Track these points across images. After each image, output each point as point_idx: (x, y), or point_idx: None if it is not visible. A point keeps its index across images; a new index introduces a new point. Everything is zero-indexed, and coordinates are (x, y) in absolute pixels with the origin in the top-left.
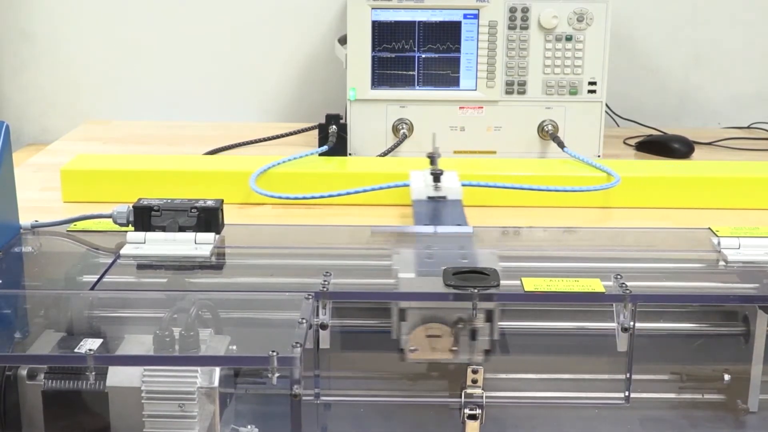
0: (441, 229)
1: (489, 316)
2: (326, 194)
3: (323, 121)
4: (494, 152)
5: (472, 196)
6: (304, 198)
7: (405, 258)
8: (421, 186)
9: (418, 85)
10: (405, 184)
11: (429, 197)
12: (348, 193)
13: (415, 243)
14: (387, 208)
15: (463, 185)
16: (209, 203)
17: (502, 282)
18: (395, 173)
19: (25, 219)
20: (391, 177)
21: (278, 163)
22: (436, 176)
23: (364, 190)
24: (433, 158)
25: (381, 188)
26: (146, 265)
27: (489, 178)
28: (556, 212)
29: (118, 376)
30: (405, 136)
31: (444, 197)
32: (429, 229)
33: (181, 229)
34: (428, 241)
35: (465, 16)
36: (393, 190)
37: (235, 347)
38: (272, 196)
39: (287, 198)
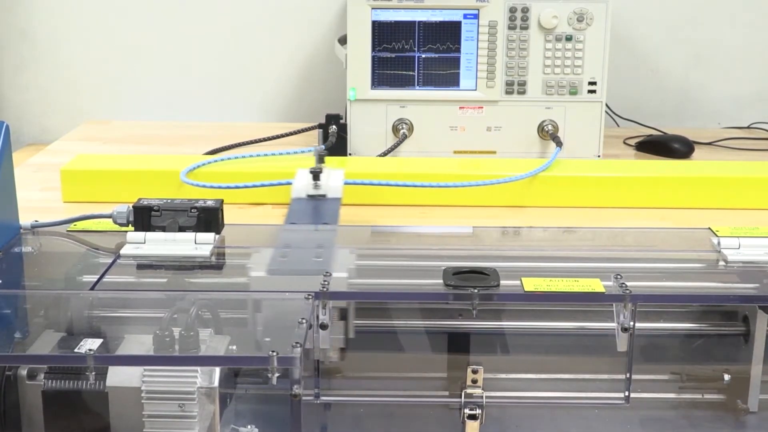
0: (435, 229)
1: None
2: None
3: (323, 121)
4: (494, 152)
5: (472, 196)
6: (228, 187)
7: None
8: (303, 184)
9: (418, 85)
10: (288, 182)
11: (309, 195)
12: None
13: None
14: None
15: (346, 183)
16: (209, 203)
17: (502, 282)
18: (395, 173)
19: (25, 219)
20: (389, 177)
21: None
22: (316, 174)
23: (254, 186)
24: (321, 156)
25: (263, 185)
26: (146, 265)
27: (374, 176)
28: (556, 212)
29: (118, 376)
30: (405, 136)
31: (323, 195)
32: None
33: (181, 229)
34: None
35: (465, 16)
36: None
37: (235, 347)
38: (204, 186)
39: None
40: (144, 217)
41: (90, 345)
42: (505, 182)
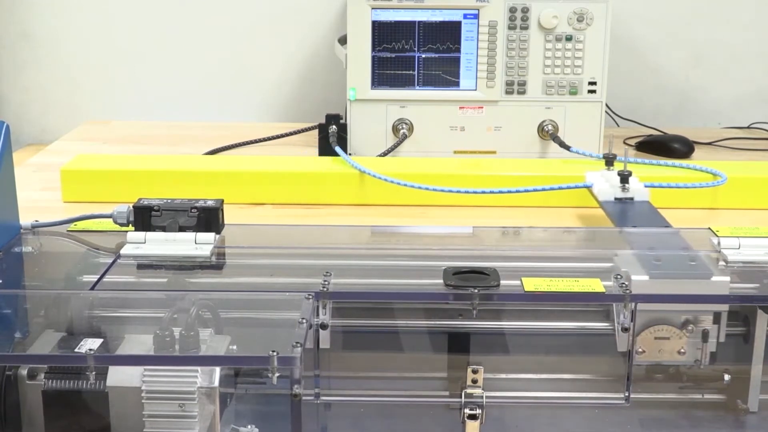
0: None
1: (717, 318)
2: (514, 189)
3: (323, 121)
4: (494, 152)
5: (472, 197)
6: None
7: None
8: (606, 187)
9: (418, 85)
10: (586, 186)
11: (616, 198)
12: (527, 191)
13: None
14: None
15: (647, 186)
16: (209, 203)
17: (502, 282)
18: (397, 173)
19: (25, 219)
20: (390, 176)
21: None
22: (624, 177)
23: (543, 189)
24: (610, 159)
25: (561, 188)
26: (146, 265)
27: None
28: (555, 212)
29: (119, 376)
30: (405, 136)
31: (632, 198)
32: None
33: (181, 229)
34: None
35: (465, 16)
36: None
37: (235, 347)
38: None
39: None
40: (144, 217)
41: (90, 345)
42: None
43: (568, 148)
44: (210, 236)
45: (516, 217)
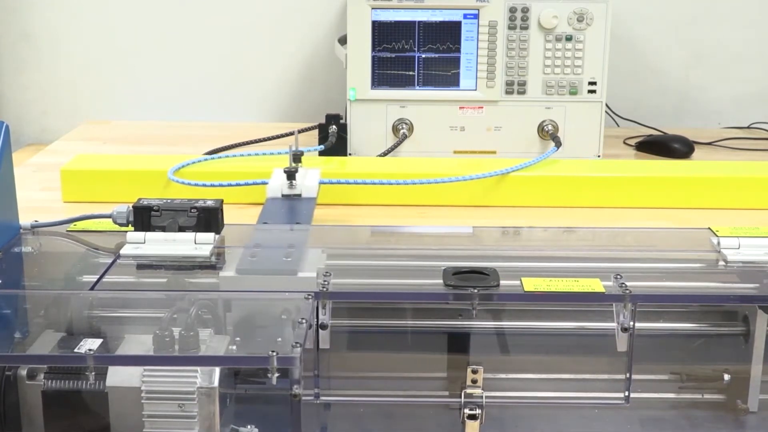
0: (433, 229)
1: None
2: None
3: (323, 121)
4: (494, 152)
5: (472, 197)
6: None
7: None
8: (278, 183)
9: (418, 85)
10: (264, 182)
11: (284, 195)
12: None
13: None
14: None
15: (321, 183)
16: (209, 203)
17: (502, 282)
18: (393, 173)
19: (25, 219)
20: (387, 177)
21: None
22: (291, 174)
23: (236, 184)
24: (297, 156)
25: (240, 184)
26: (146, 265)
27: (348, 176)
28: (555, 212)
29: (118, 376)
30: (405, 136)
31: (299, 195)
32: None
33: (181, 229)
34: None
35: (465, 16)
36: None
37: (235, 347)
38: (189, 184)
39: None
40: (144, 217)
41: (90, 345)
42: (491, 176)
43: (559, 146)
44: (210, 236)
45: (516, 217)
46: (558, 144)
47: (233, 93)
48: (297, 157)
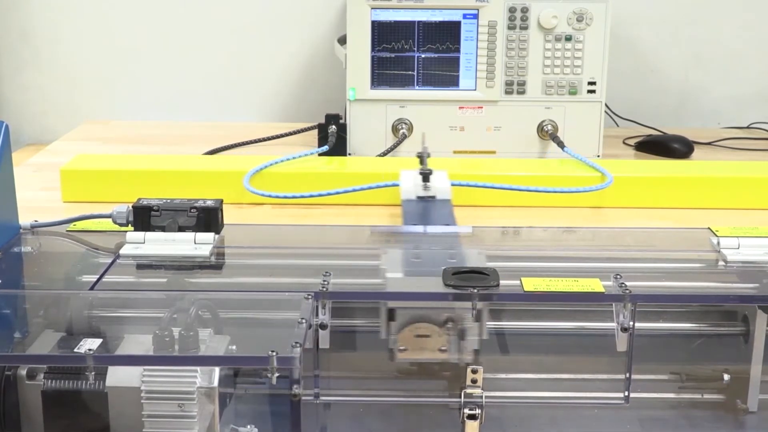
0: (432, 229)
1: (478, 316)
2: (319, 193)
3: (323, 121)
4: (494, 152)
5: (472, 197)
6: (295, 197)
7: (393, 258)
8: (410, 186)
9: (417, 85)
10: (395, 184)
11: (419, 197)
12: (338, 193)
13: (405, 243)
14: (380, 207)
15: (453, 185)
16: (209, 203)
17: (502, 282)
18: (392, 173)
19: (24, 219)
20: (388, 177)
21: (274, 163)
22: (425, 176)
23: (354, 190)
24: (422, 158)
25: (370, 188)
26: (146, 265)
27: (478, 178)
28: (555, 212)
29: (118, 376)
30: (405, 136)
31: (433, 197)
32: (419, 228)
33: (181, 229)
34: (419, 240)
35: (465, 16)
36: (385, 190)
37: (234, 347)
38: (268, 195)
39: (283, 197)
40: (144, 217)
41: (90, 345)
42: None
43: (562, 147)
44: (209, 236)
45: (516, 217)
46: (561, 145)
47: (233, 93)
48: (423, 158)
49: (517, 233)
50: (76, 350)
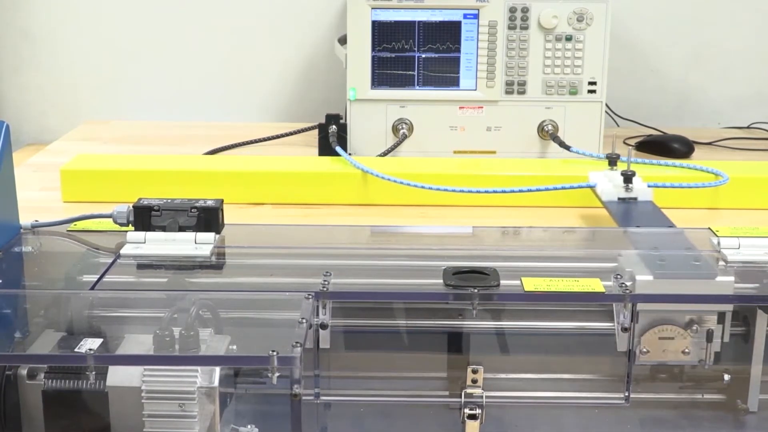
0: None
1: (721, 318)
2: (519, 189)
3: (323, 121)
4: (494, 152)
5: (471, 197)
6: (480, 191)
7: None
8: (609, 187)
9: (418, 85)
10: (589, 186)
11: (620, 198)
12: (531, 191)
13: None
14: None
15: (650, 186)
16: (209, 203)
17: (502, 282)
18: (395, 173)
19: (25, 219)
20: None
21: None
22: (628, 177)
23: (548, 189)
24: (614, 160)
25: (564, 188)
26: (146, 264)
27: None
28: (555, 212)
29: (118, 376)
30: (405, 136)
31: (635, 198)
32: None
33: (181, 228)
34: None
35: (465, 16)
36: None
37: (235, 347)
38: (444, 190)
39: (479, 192)
40: (144, 217)
41: (90, 345)
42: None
43: (568, 148)
44: (210, 236)
45: (516, 217)
46: (564, 146)
47: (233, 93)
48: (613, 160)
49: (517, 233)
50: (76, 350)
